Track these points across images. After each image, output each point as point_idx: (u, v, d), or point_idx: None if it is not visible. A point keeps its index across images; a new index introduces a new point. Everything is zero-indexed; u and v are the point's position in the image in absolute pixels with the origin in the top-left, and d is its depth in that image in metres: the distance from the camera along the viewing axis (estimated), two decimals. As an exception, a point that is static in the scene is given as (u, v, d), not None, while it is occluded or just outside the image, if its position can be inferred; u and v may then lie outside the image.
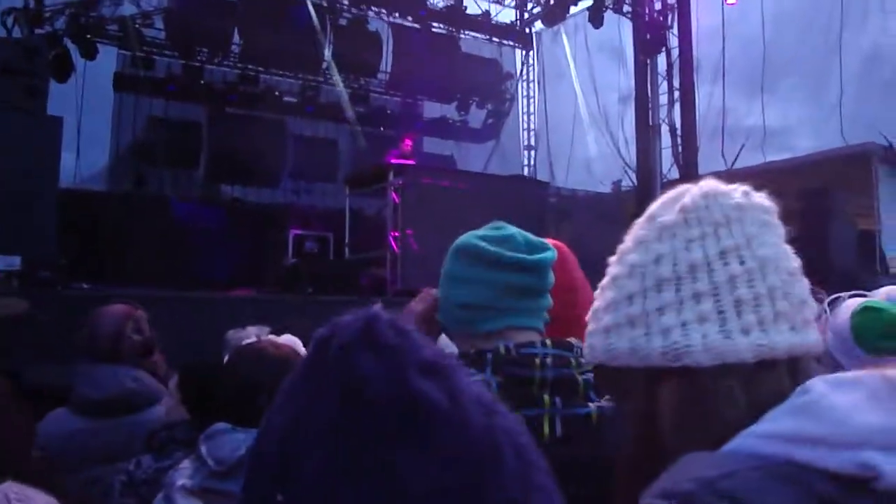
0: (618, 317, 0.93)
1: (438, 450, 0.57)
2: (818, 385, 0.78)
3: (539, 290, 1.49)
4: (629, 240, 0.98)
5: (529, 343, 1.41)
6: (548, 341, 1.43)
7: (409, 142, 11.10)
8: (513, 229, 1.52)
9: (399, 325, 0.63)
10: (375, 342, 0.60)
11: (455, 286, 1.50)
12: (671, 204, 0.94)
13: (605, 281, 0.98)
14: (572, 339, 1.45)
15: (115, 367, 2.91)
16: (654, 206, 0.96)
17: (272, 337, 2.48)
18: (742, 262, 0.87)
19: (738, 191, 0.93)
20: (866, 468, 0.71)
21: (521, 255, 1.44)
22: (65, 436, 2.74)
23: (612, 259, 0.99)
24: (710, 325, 0.85)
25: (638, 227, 0.97)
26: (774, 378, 0.84)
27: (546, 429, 1.33)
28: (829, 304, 2.06)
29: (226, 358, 2.50)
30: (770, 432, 0.77)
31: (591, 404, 1.36)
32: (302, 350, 2.32)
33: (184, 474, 1.88)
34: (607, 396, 1.34)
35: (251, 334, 3.17)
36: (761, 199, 0.93)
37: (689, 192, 0.93)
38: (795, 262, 0.92)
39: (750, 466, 0.74)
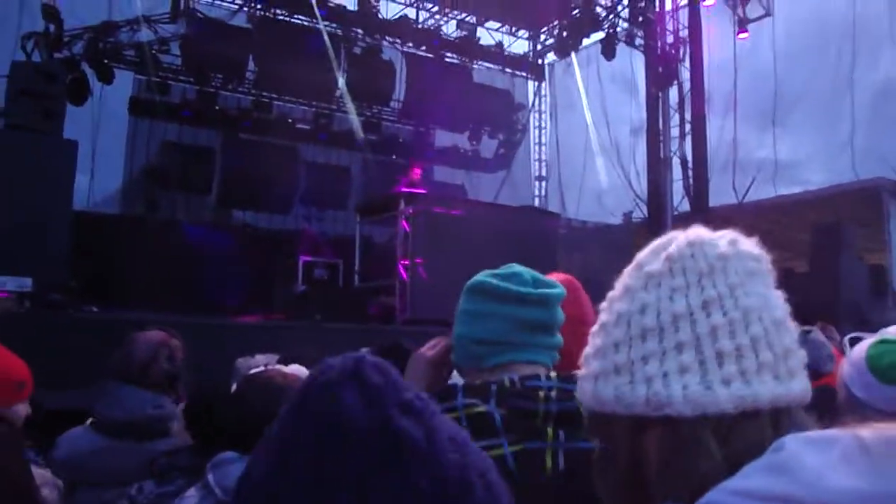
0: (605, 364, 0.93)
1: (414, 484, 0.59)
2: (791, 443, 0.77)
3: (548, 325, 1.50)
4: (618, 287, 0.97)
5: (534, 376, 1.41)
6: (553, 374, 1.43)
7: (418, 170, 11.14)
8: (521, 268, 1.53)
9: (384, 366, 0.66)
10: (361, 380, 0.63)
11: (468, 323, 1.51)
12: (658, 252, 0.94)
13: (595, 327, 0.98)
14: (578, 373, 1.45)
15: (140, 390, 2.93)
16: (642, 254, 0.96)
17: (280, 366, 2.48)
18: (725, 313, 0.87)
19: (724, 239, 0.92)
20: None
21: (526, 289, 1.46)
22: (85, 452, 2.76)
23: (603, 305, 0.99)
24: (691, 375, 0.85)
25: (626, 275, 0.97)
26: (756, 428, 0.84)
27: (549, 462, 1.32)
28: (849, 341, 2.08)
29: (234, 386, 2.50)
30: (741, 489, 0.76)
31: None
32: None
33: (190, 503, 1.88)
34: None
35: (260, 363, 3.18)
36: (749, 246, 0.93)
37: (676, 241, 0.93)
38: (782, 311, 0.90)
39: None
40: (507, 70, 18.16)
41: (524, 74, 18.70)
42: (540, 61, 18.65)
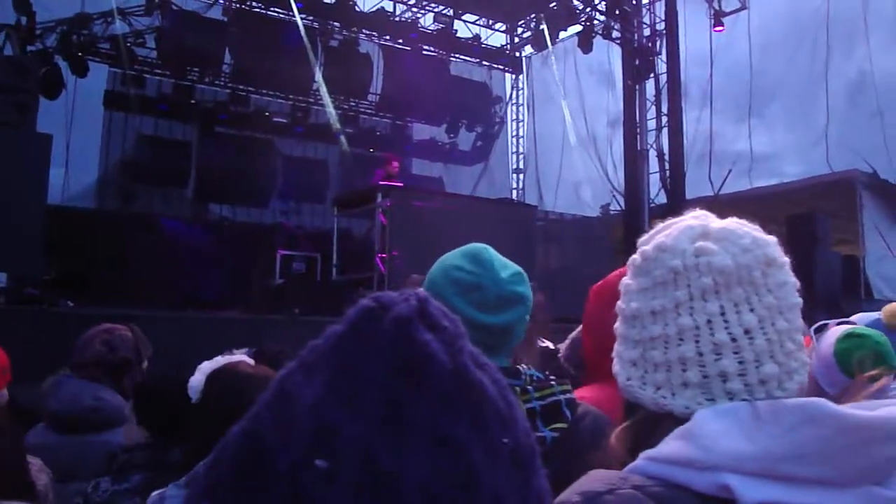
0: (623, 353, 0.99)
1: (495, 441, 0.58)
2: (700, 413, 0.85)
3: (501, 344, 1.51)
4: (630, 276, 1.01)
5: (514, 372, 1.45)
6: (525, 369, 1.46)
7: (395, 163, 11.14)
8: (492, 263, 1.52)
9: (446, 310, 0.64)
10: (429, 322, 0.60)
11: None
12: (676, 244, 0.96)
13: (618, 311, 1.03)
14: (521, 367, 1.50)
15: (80, 382, 2.88)
16: (664, 240, 0.97)
17: (244, 358, 2.46)
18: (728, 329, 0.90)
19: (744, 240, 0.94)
20: (725, 490, 0.78)
21: (480, 317, 1.45)
22: (38, 449, 2.73)
23: (622, 286, 1.03)
24: (692, 390, 0.90)
25: (639, 266, 0.99)
26: None
27: None
28: (815, 330, 2.09)
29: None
30: (656, 455, 0.85)
31: (537, 433, 1.38)
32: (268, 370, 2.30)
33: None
34: (554, 425, 1.41)
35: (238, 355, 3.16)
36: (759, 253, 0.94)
37: (687, 249, 0.94)
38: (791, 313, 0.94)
39: (633, 484, 0.82)
40: (485, 63, 18.18)
41: (501, 67, 18.72)
42: (517, 54, 18.67)
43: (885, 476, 0.79)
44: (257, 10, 14.70)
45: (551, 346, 2.72)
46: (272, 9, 14.58)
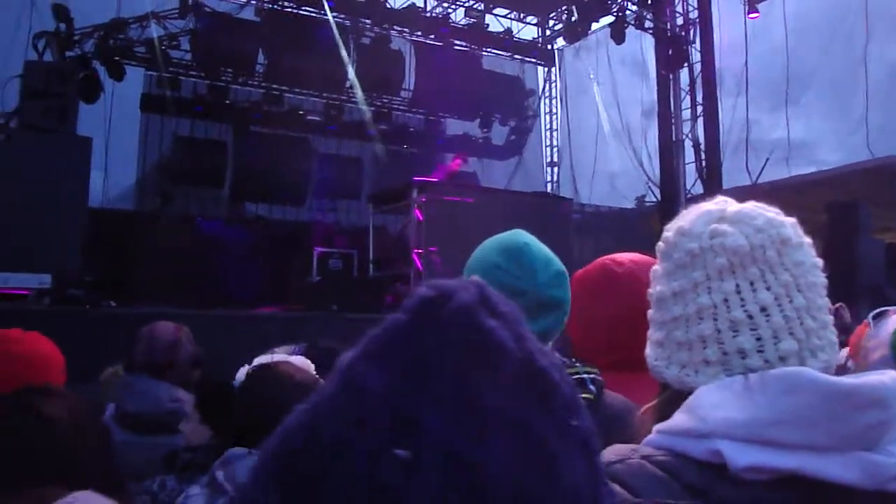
0: (651, 335, 1.05)
1: (558, 413, 0.58)
2: (702, 388, 0.91)
3: None
4: (658, 262, 1.06)
5: None
6: None
7: (458, 160, 11.17)
8: (533, 264, 1.53)
9: (503, 296, 0.64)
10: (493, 309, 0.60)
11: None
12: (693, 227, 1.00)
13: (648, 297, 1.08)
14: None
15: (158, 382, 2.92)
16: (683, 225, 1.02)
17: (285, 356, 2.48)
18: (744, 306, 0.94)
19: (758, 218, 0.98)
20: (717, 456, 0.83)
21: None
22: (111, 447, 2.77)
23: (652, 271, 1.07)
24: (713, 368, 0.94)
25: (662, 251, 1.05)
26: None
27: None
28: (873, 318, 2.05)
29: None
30: (664, 427, 0.92)
31: None
32: (313, 372, 2.32)
33: (197, 502, 1.85)
34: (581, 395, 1.41)
35: (281, 355, 3.19)
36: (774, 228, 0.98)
37: (703, 232, 0.99)
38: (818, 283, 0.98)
39: (642, 455, 0.89)
40: (517, 56, 18.07)
41: (534, 60, 18.61)
42: (549, 47, 18.53)
43: (874, 442, 0.82)
44: (289, 9, 14.79)
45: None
46: (304, 8, 14.66)
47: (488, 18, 16.94)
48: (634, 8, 14.25)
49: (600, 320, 1.81)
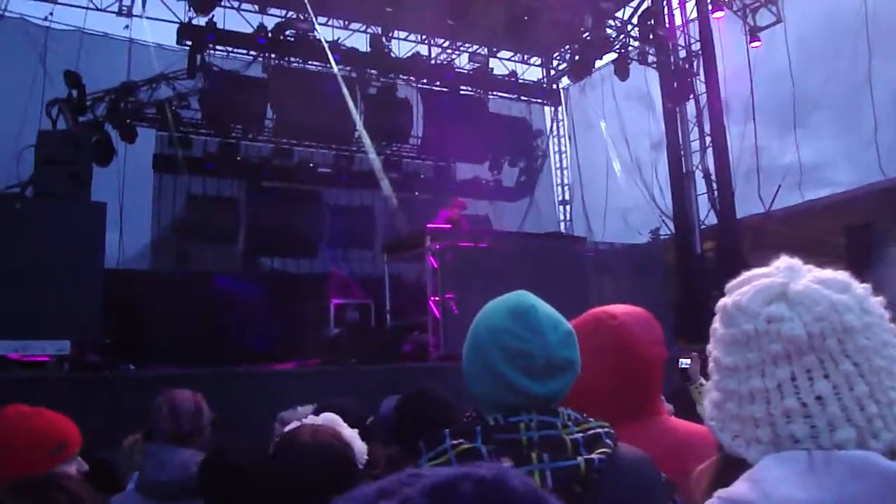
0: (709, 392, 1.04)
1: None
2: (765, 459, 0.90)
3: (545, 408, 1.51)
4: (717, 322, 1.03)
5: (515, 412, 1.46)
6: (532, 409, 1.47)
7: (461, 201, 11.21)
8: (541, 325, 1.50)
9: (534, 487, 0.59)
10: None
11: (468, 376, 1.55)
12: (750, 305, 0.97)
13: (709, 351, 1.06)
14: (560, 409, 1.50)
15: (182, 449, 2.95)
16: (740, 300, 0.99)
17: (312, 418, 2.47)
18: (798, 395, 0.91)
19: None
20: None
21: (527, 385, 1.46)
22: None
23: (712, 328, 1.04)
24: (765, 446, 0.93)
25: (721, 318, 1.02)
26: None
27: (538, 480, 1.37)
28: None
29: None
30: (725, 495, 0.90)
31: (579, 458, 1.40)
32: (343, 426, 2.32)
33: None
34: (599, 450, 1.43)
35: (301, 415, 3.18)
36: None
37: (760, 313, 0.96)
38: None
39: None
40: (523, 98, 18.22)
41: (540, 101, 18.75)
42: (554, 86, 18.68)
43: None
44: (295, 64, 15.01)
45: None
46: (310, 62, 14.87)
47: (492, 62, 17.13)
48: (637, 44, 14.36)
49: (594, 373, 1.79)
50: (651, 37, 13.99)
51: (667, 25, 14.22)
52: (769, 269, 1.00)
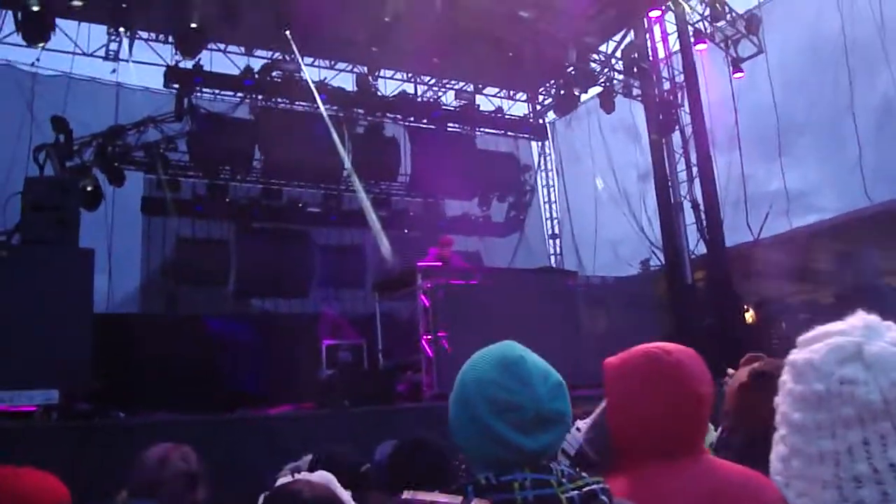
0: (775, 444, 0.98)
1: None
2: None
3: (536, 463, 1.46)
4: (786, 375, 0.98)
5: (508, 470, 1.41)
6: (526, 468, 1.42)
7: (449, 238, 11.21)
8: (531, 377, 1.46)
9: None
10: None
11: (455, 430, 1.51)
12: (822, 365, 0.93)
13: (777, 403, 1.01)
14: (553, 464, 1.44)
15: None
16: (813, 357, 0.94)
17: (306, 475, 2.43)
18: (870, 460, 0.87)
19: None
20: None
21: (517, 439, 1.42)
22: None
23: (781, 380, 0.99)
24: None
25: (791, 373, 0.97)
26: None
27: None
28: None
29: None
30: None
31: None
32: (336, 486, 2.29)
33: None
34: None
35: (304, 464, 3.16)
36: None
37: (833, 374, 0.91)
38: None
39: None
40: (510, 133, 18.34)
41: (527, 136, 18.88)
42: (541, 121, 18.83)
43: None
44: (282, 104, 15.07)
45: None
46: (297, 103, 14.94)
47: (479, 99, 17.26)
48: (621, 77, 14.49)
49: (646, 410, 1.76)
50: (635, 70, 14.14)
51: (650, 58, 14.39)
52: (844, 326, 0.96)
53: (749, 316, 13.71)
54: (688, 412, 1.76)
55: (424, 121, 16.77)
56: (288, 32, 12.07)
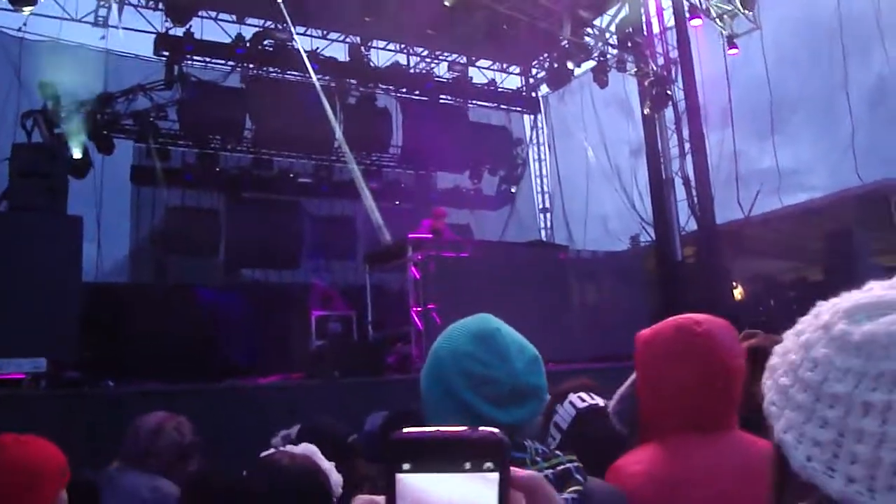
0: (807, 428, 0.87)
1: None
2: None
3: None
4: (832, 348, 0.87)
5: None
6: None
7: (442, 210, 11.20)
8: (507, 350, 1.44)
9: None
10: None
11: (427, 403, 1.49)
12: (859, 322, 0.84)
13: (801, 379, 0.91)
14: (527, 441, 1.43)
15: (139, 474, 2.88)
16: (842, 318, 0.86)
17: (290, 448, 2.44)
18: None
19: None
20: None
21: (491, 413, 1.39)
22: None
23: (812, 352, 0.90)
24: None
25: (856, 344, 0.84)
26: None
27: None
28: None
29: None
30: None
31: None
32: (320, 458, 2.30)
33: None
34: (571, 488, 1.36)
35: (296, 432, 3.17)
36: None
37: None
38: None
39: None
40: (503, 106, 18.26)
41: (519, 109, 18.80)
42: (533, 94, 18.74)
43: None
44: (274, 74, 14.94)
45: (600, 402, 2.55)
46: (288, 72, 14.81)
47: (471, 71, 17.17)
48: (615, 51, 14.41)
49: (677, 383, 1.75)
50: (629, 44, 14.05)
51: (645, 33, 14.31)
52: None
53: (738, 293, 13.79)
54: (719, 384, 1.74)
55: (417, 92, 16.67)
56: (280, 0, 11.91)
